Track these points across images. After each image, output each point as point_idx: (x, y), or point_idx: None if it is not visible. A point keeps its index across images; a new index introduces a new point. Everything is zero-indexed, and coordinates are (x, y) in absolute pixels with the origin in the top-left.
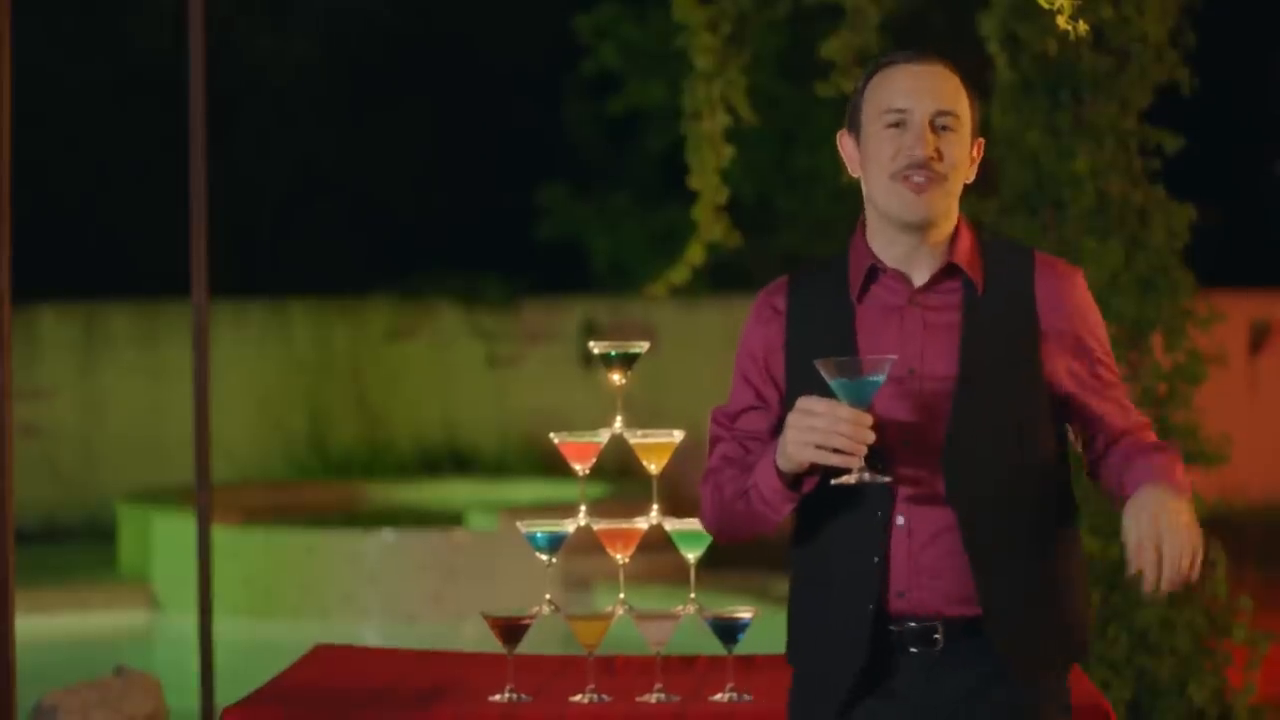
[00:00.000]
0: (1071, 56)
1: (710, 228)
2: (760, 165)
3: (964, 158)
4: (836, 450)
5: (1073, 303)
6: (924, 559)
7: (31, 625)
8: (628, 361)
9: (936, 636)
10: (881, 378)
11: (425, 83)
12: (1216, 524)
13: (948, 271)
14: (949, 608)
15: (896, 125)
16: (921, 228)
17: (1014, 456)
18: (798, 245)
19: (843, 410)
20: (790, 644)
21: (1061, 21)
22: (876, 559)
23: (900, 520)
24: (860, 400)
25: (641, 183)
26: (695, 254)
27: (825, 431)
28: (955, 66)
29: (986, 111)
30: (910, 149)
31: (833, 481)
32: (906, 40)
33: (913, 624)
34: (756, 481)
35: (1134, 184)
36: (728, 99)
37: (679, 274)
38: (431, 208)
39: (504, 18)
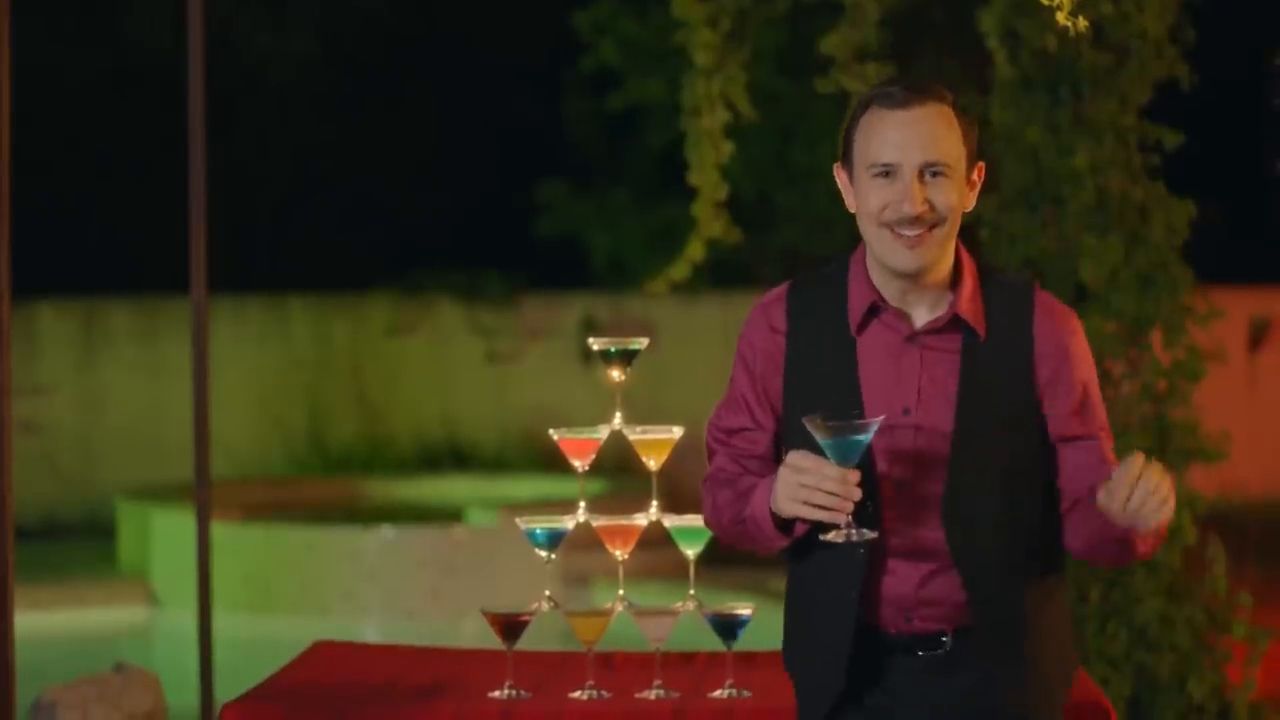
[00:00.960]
0: (1071, 53)
1: (710, 224)
2: (760, 161)
3: (959, 197)
4: (824, 507)
5: (1069, 349)
6: (906, 590)
7: (31, 622)
8: (627, 358)
9: (920, 654)
10: (868, 437)
11: (425, 79)
12: (1216, 521)
13: (950, 318)
14: (929, 626)
15: (884, 175)
16: (915, 276)
17: (1010, 505)
18: (797, 241)
19: (829, 469)
20: (785, 650)
21: (1061, 18)
22: (854, 593)
23: (885, 559)
24: (847, 459)
25: (641, 179)
26: (695, 250)
27: (811, 489)
28: (948, 94)
29: (986, 108)
30: (899, 205)
31: (821, 537)
32: (908, 37)
33: (900, 636)
34: (754, 514)
35: (1133, 180)
36: (727, 95)
37: (679, 270)
38: (431, 204)
39: (503, 15)
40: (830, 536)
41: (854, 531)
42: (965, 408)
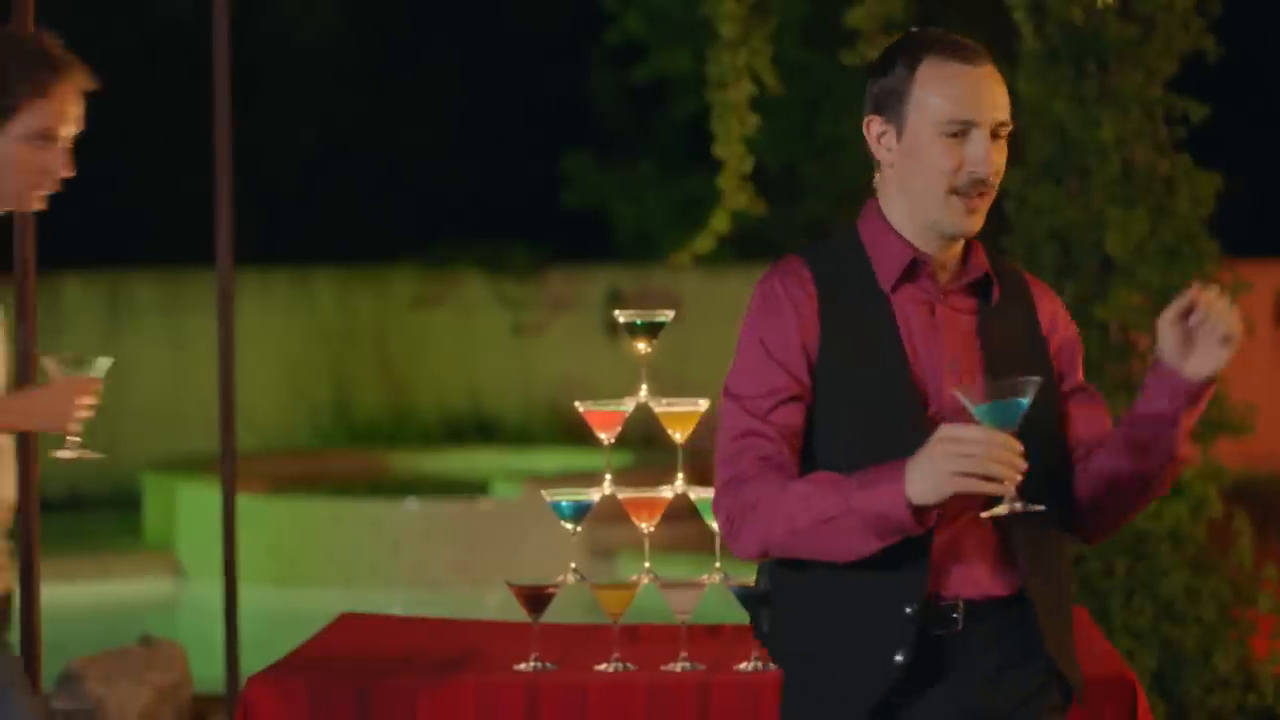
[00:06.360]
0: (1097, 25)
1: (735, 196)
2: (785, 134)
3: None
4: (990, 479)
5: (1064, 319)
6: (953, 548)
7: (57, 594)
8: (653, 330)
9: (955, 616)
10: (1028, 399)
11: (451, 50)
12: (1241, 493)
13: (974, 280)
14: (970, 590)
15: (957, 135)
16: (963, 238)
17: (1054, 461)
18: (822, 213)
19: (997, 436)
20: (796, 649)
21: None
22: (922, 560)
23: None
24: (1006, 424)
25: (666, 151)
26: (720, 222)
27: (981, 459)
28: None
29: (1012, 80)
30: (975, 166)
31: (983, 514)
32: (933, 9)
33: (939, 607)
34: (861, 508)
35: (1160, 152)
36: (753, 67)
37: (704, 243)
38: (457, 176)
39: None
40: (995, 511)
41: (1019, 503)
42: (998, 366)
